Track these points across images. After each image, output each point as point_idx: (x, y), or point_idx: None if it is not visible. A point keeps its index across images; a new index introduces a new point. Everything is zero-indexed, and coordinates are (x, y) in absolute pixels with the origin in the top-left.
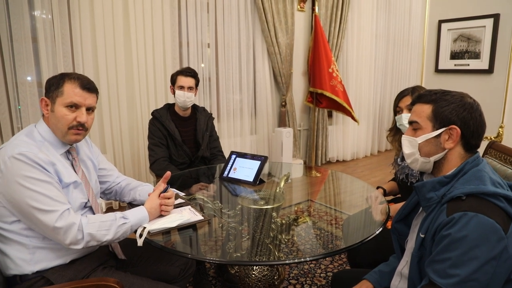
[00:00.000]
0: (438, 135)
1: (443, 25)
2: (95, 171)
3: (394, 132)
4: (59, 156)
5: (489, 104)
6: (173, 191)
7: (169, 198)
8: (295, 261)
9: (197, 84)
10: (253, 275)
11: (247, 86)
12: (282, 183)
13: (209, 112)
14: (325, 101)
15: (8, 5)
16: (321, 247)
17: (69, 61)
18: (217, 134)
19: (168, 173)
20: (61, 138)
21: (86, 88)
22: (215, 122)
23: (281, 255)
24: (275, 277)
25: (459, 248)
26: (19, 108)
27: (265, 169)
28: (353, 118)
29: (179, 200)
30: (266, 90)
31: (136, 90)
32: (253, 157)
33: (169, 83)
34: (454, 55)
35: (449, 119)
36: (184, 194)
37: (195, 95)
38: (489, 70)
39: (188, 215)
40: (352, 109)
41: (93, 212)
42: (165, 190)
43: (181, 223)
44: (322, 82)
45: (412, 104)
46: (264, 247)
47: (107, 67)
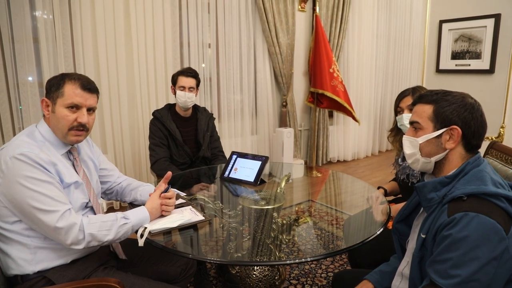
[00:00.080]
0: (439, 136)
1: (444, 25)
2: (96, 171)
3: (395, 133)
4: (60, 156)
5: (490, 104)
6: (174, 191)
7: (170, 198)
8: (296, 261)
9: (198, 84)
10: (254, 275)
11: (248, 86)
12: (283, 183)
13: (210, 112)
14: (326, 101)
15: (10, 6)
16: (322, 247)
17: (70, 61)
18: (218, 134)
19: (169, 174)
20: (61, 139)
21: (87, 89)
22: (216, 122)
23: (282, 255)
24: (276, 277)
25: (460, 249)
26: (20, 108)
27: (266, 169)
28: (354, 118)
29: (180, 200)
30: (267, 90)
31: (137, 90)
32: (254, 157)
33: (169, 83)
34: (455, 55)
35: (450, 120)
36: (185, 194)
37: (196, 96)
38: (490, 70)
39: (189, 215)
40: (353, 109)
41: (94, 212)
42: (166, 190)
43: (182, 223)
44: (323, 82)
45: (413, 105)
46: (265, 247)
47: (108, 67)
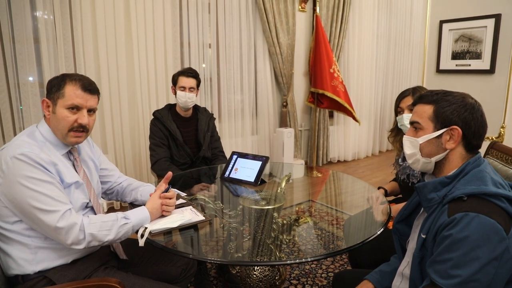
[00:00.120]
0: (439, 136)
1: (444, 25)
2: (96, 171)
3: (395, 133)
4: (61, 156)
5: (491, 105)
6: (174, 191)
7: (170, 198)
8: (296, 261)
9: (198, 84)
10: (254, 275)
11: (248, 86)
12: (283, 184)
13: (210, 112)
14: (326, 101)
15: (10, 6)
16: (322, 247)
17: (70, 61)
18: (218, 135)
19: (170, 174)
20: (61, 140)
21: (88, 90)
22: (216, 122)
23: (282, 255)
24: (276, 278)
25: (460, 249)
26: (21, 108)
27: (266, 169)
28: (354, 118)
29: (180, 201)
30: (267, 91)
31: (138, 91)
32: (254, 157)
33: (170, 84)
34: (455, 56)
35: (450, 120)
36: (185, 194)
37: (196, 96)
38: (491, 71)
39: (189, 215)
40: (353, 109)
41: (94, 212)
42: (166, 190)
43: (182, 224)
44: (323, 82)
45: (414, 105)
46: (265, 247)
47: (109, 67)
